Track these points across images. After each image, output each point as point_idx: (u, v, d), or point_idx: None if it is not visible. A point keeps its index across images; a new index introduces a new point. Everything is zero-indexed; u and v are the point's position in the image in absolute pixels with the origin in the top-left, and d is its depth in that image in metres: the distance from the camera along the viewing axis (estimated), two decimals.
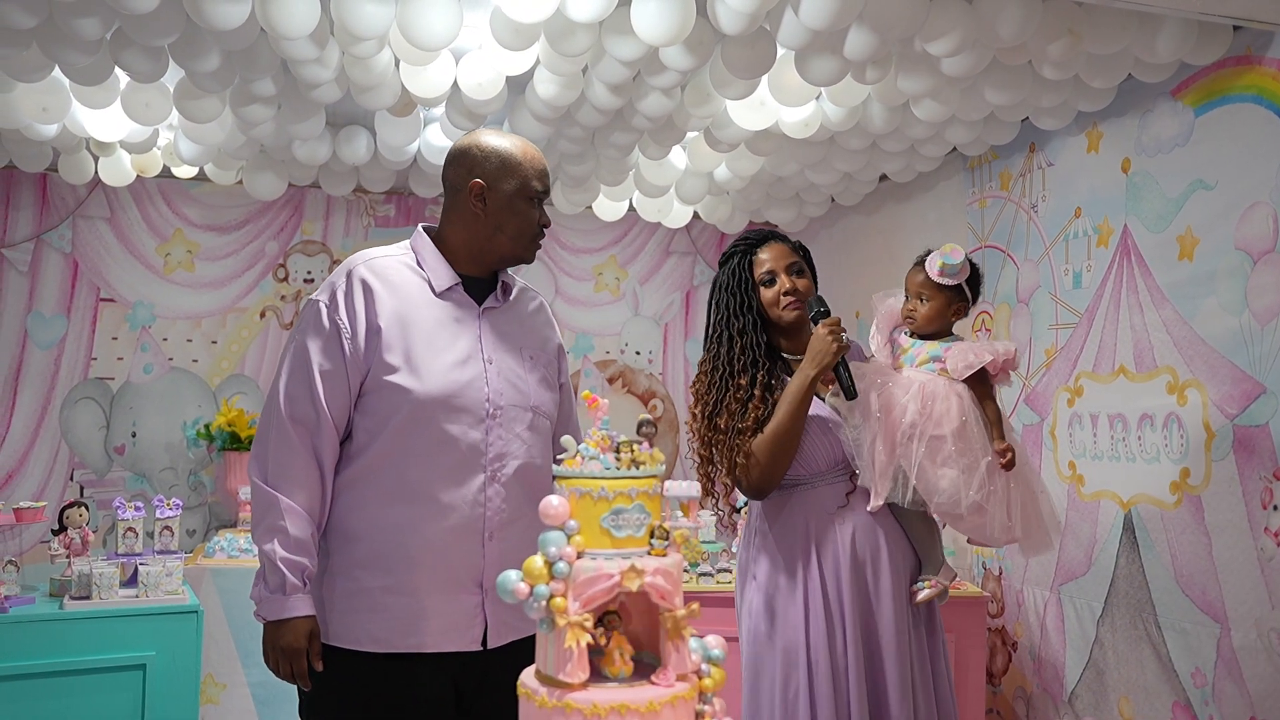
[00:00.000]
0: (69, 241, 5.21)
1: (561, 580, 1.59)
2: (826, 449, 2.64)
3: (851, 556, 2.59)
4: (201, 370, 5.42)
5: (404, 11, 3.07)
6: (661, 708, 1.56)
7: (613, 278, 6.12)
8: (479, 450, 2.22)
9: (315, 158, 4.45)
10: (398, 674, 2.19)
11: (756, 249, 2.73)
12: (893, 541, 2.64)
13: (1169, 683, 3.41)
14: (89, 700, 3.43)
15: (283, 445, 2.18)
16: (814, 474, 2.64)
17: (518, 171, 2.30)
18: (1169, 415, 3.44)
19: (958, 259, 2.70)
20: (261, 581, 2.18)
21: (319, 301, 2.25)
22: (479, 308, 2.32)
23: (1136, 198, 3.63)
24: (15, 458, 5.08)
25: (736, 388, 2.64)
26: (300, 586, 2.16)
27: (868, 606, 2.60)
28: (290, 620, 2.15)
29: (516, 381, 2.30)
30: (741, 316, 2.69)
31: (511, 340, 2.34)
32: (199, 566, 4.32)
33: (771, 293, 2.69)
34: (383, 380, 2.18)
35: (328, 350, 2.20)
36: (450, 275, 2.30)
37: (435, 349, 2.22)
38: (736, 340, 2.67)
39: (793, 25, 3.04)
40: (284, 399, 2.19)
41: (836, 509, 2.62)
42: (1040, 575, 4.04)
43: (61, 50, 3.14)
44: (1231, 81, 3.27)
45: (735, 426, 2.61)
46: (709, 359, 2.74)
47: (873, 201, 5.25)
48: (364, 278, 2.24)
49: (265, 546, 2.16)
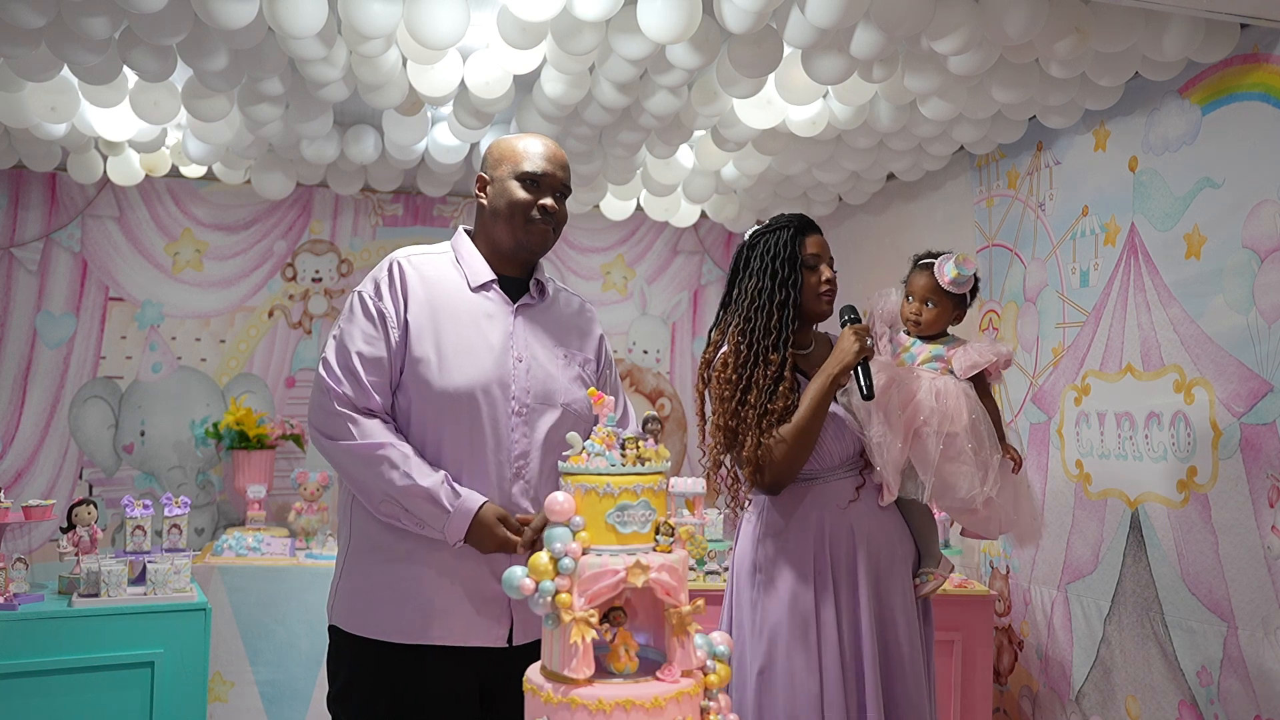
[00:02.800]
0: (78, 241, 5.22)
1: (567, 576, 1.60)
2: (839, 444, 2.65)
3: (866, 550, 2.61)
4: (210, 369, 5.44)
5: (411, 10, 3.08)
6: (666, 703, 1.57)
7: (620, 277, 6.12)
8: (504, 447, 2.24)
9: (323, 157, 4.46)
10: (424, 666, 2.20)
11: (808, 232, 2.70)
12: (900, 535, 2.70)
13: (1175, 681, 3.41)
14: (98, 697, 3.44)
15: (350, 421, 2.19)
16: (826, 469, 2.65)
17: (510, 156, 2.34)
18: (1176, 414, 3.44)
19: (970, 270, 2.75)
20: (423, 522, 2.17)
21: (362, 292, 2.29)
22: (513, 304, 2.35)
23: (1144, 196, 3.63)
24: (24, 456, 5.10)
25: (768, 364, 2.60)
26: (454, 494, 2.16)
27: (881, 599, 2.62)
28: (477, 518, 2.15)
29: (546, 380, 2.31)
30: (785, 290, 2.63)
31: (546, 338, 2.36)
32: (207, 565, 4.33)
33: (815, 278, 2.67)
34: (412, 371, 2.22)
35: (369, 337, 2.23)
36: (486, 271, 2.34)
37: (464, 343, 2.25)
38: (775, 314, 2.62)
39: (799, 23, 3.04)
40: (334, 388, 2.22)
41: (847, 503, 2.63)
42: (1047, 574, 4.03)
43: (70, 49, 3.15)
44: (1239, 80, 3.26)
45: (765, 406, 2.57)
46: (743, 329, 2.65)
47: (880, 200, 5.25)
48: (403, 268, 2.29)
49: (402, 487, 2.15)
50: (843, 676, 2.54)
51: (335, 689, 2.29)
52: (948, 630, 3.90)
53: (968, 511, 2.67)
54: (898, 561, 2.66)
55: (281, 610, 4.39)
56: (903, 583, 2.66)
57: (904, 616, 2.63)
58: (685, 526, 1.72)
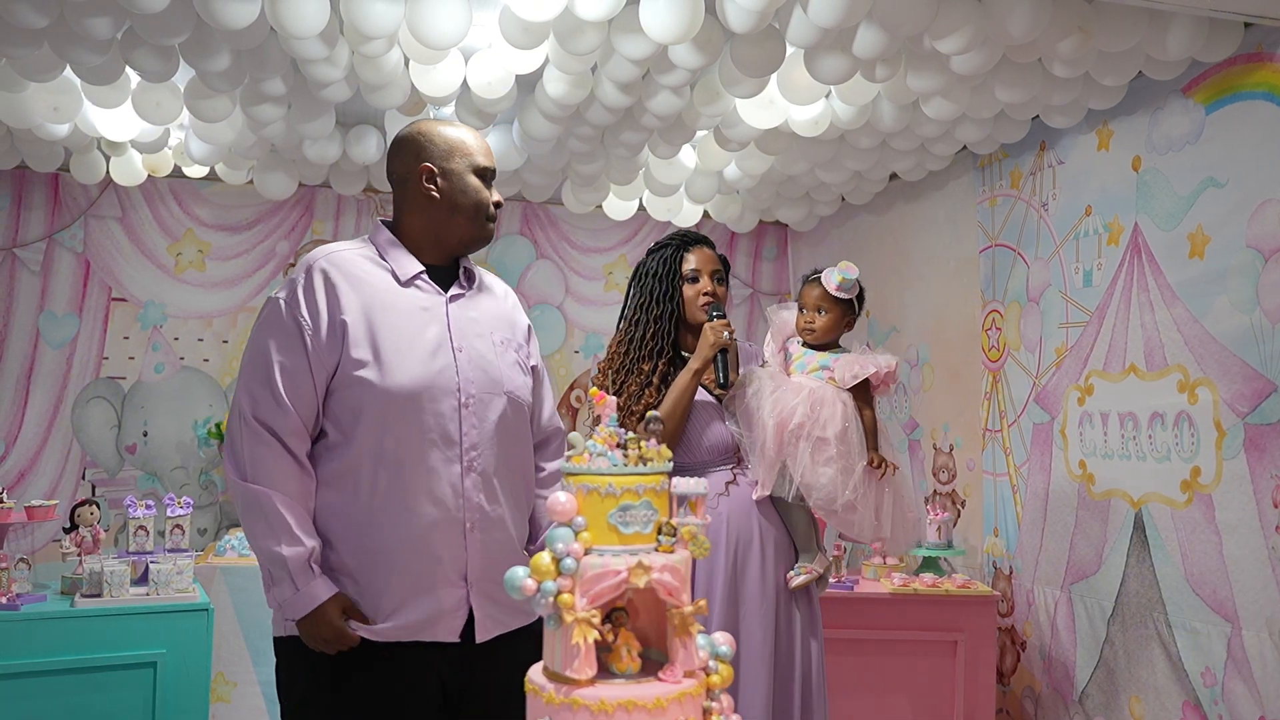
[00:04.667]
0: (81, 241, 5.22)
1: (569, 576, 1.59)
2: (713, 438, 2.90)
3: (725, 539, 2.83)
4: (212, 369, 5.44)
5: (413, 10, 3.08)
6: (669, 704, 1.56)
7: (623, 277, 6.10)
8: (453, 440, 2.18)
9: (325, 157, 4.46)
10: (378, 664, 2.14)
11: (689, 248, 2.99)
12: (767, 530, 2.91)
13: (1179, 682, 3.40)
14: (100, 697, 3.44)
15: (255, 442, 2.12)
16: (699, 462, 2.88)
17: (463, 149, 2.28)
18: (1180, 414, 3.43)
19: (854, 274, 2.98)
20: (271, 584, 2.12)
21: (278, 299, 2.19)
22: (445, 295, 2.28)
23: (1147, 196, 3.62)
24: (27, 456, 5.10)
25: (639, 372, 2.91)
26: (314, 573, 2.10)
27: (734, 583, 2.84)
28: (319, 608, 2.09)
29: (487, 368, 2.25)
30: (661, 304, 2.94)
31: (480, 326, 2.30)
32: (210, 565, 4.33)
33: (693, 290, 2.95)
34: (351, 375, 2.14)
35: (288, 347, 2.15)
36: (414, 264, 2.27)
37: (404, 340, 2.18)
38: (651, 326, 2.94)
39: (802, 23, 3.04)
40: (247, 399, 2.14)
41: (716, 496, 2.86)
42: (1050, 574, 4.03)
43: (73, 50, 3.16)
44: (1242, 79, 3.26)
45: (630, 408, 2.85)
46: (623, 339, 2.98)
47: (883, 200, 5.24)
48: (325, 271, 2.19)
49: (265, 545, 2.10)
50: None
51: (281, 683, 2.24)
52: (950, 630, 3.90)
53: (830, 513, 2.89)
54: (758, 552, 2.87)
55: None
56: (761, 571, 2.85)
57: (758, 596, 2.83)
58: (687, 527, 1.71)
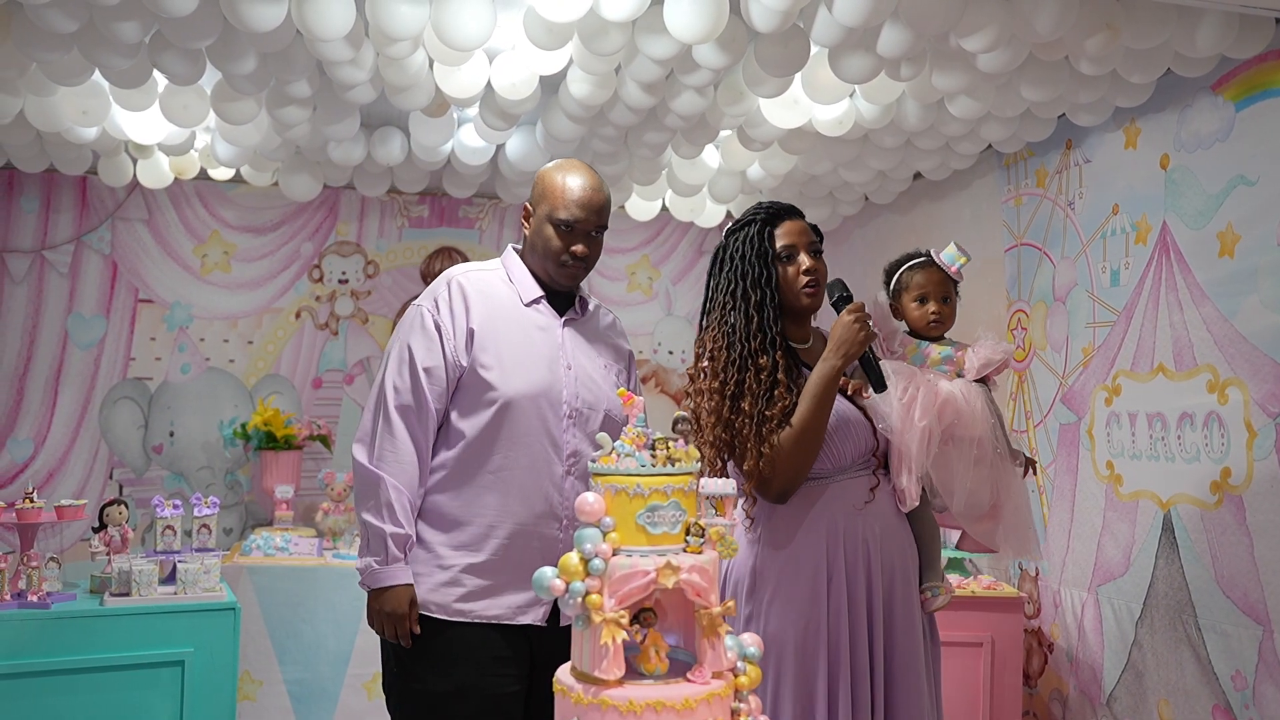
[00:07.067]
0: (108, 243, 5.27)
1: (597, 577, 1.60)
2: (852, 442, 2.44)
3: (880, 555, 2.43)
4: (238, 370, 5.48)
5: (438, 12, 3.08)
6: (697, 705, 1.56)
7: (645, 277, 6.11)
8: (559, 446, 2.49)
9: (350, 159, 4.48)
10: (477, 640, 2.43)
11: (777, 222, 2.48)
12: (908, 545, 2.52)
13: (1209, 685, 3.37)
14: (128, 695, 3.47)
15: (388, 431, 2.45)
16: (837, 468, 2.44)
17: (549, 197, 2.55)
18: (1209, 414, 3.40)
19: (966, 253, 2.70)
20: (366, 552, 2.45)
21: (422, 306, 2.54)
22: (561, 319, 2.60)
23: (1176, 194, 3.59)
24: (56, 456, 5.16)
25: (758, 369, 2.38)
26: (401, 557, 2.43)
27: (888, 612, 2.44)
28: (393, 588, 2.41)
29: (592, 386, 2.57)
30: (759, 290, 2.43)
31: (589, 349, 2.62)
32: (236, 564, 4.36)
33: (791, 270, 2.46)
34: (478, 376, 2.47)
35: (429, 349, 2.48)
36: (535, 288, 2.60)
37: (523, 352, 2.51)
38: (754, 316, 2.41)
39: (826, 22, 3.03)
40: (390, 390, 2.47)
41: (863, 504, 2.44)
42: (1078, 576, 4.00)
43: (102, 54, 3.18)
44: (1273, 75, 3.22)
45: (761, 413, 2.35)
46: (723, 334, 2.44)
47: (907, 200, 5.22)
48: (461, 284, 2.55)
49: (370, 520, 2.42)
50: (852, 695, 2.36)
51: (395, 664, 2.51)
52: (977, 632, 3.88)
53: (975, 519, 2.55)
54: (901, 572, 2.47)
55: (309, 610, 4.42)
56: (905, 595, 2.46)
57: (907, 633, 2.44)
58: (715, 527, 1.71)
